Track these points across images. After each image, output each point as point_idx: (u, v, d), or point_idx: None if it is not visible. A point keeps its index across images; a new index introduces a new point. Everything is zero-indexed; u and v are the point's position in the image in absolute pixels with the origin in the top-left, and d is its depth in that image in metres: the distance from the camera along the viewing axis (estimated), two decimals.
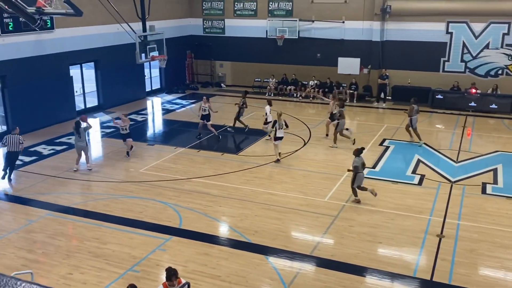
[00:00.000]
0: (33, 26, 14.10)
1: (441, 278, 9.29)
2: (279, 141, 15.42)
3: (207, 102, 17.93)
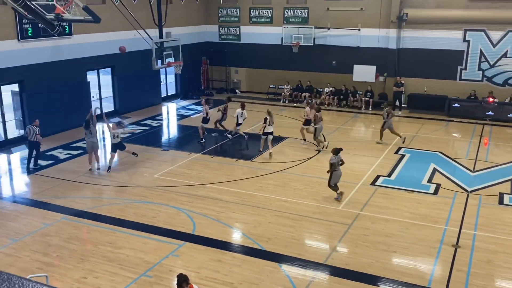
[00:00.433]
0: (52, 32, 14.34)
1: None
2: (270, 136, 16.78)
3: (205, 104, 18.47)
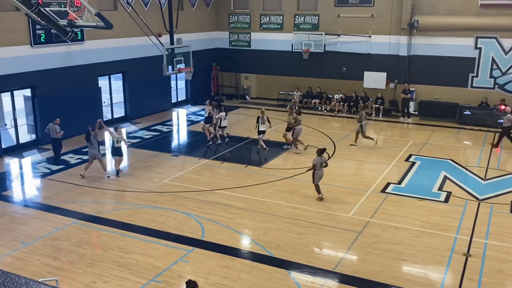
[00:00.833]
0: (64, 38, 14.44)
1: None
2: (262, 134, 17.95)
3: (209, 105, 19.03)
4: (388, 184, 14.80)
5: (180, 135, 21.95)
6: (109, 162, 16.47)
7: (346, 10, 25.17)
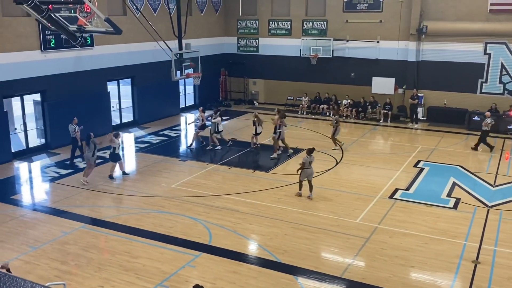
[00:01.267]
0: (74, 43, 14.59)
1: None
2: (258, 135, 18.91)
3: (202, 112, 19.51)
4: (396, 190, 14.73)
5: (188, 140, 22.00)
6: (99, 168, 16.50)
7: (354, 15, 25.17)
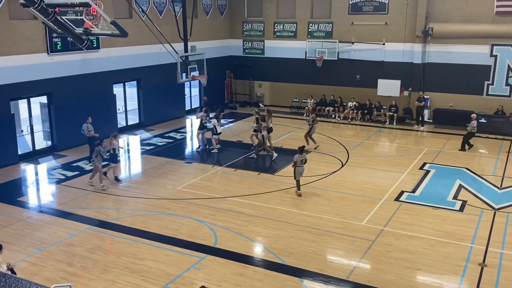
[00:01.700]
0: (80, 46, 14.66)
1: None
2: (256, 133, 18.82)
3: (204, 112, 19.55)
4: (402, 193, 14.68)
5: (193, 142, 22.02)
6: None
7: (360, 18, 25.15)
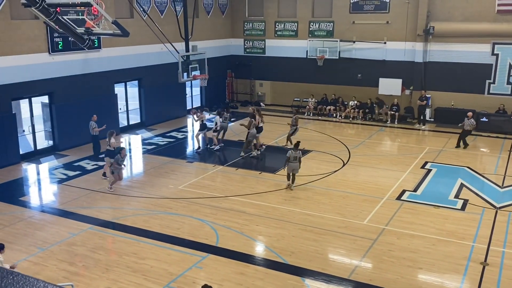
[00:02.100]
0: (81, 46, 14.66)
1: None
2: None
3: (199, 112, 19.38)
4: (403, 192, 14.68)
5: (195, 141, 22.03)
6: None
7: (361, 16, 25.13)
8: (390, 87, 24.59)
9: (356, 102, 24.72)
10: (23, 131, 20.07)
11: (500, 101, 22.65)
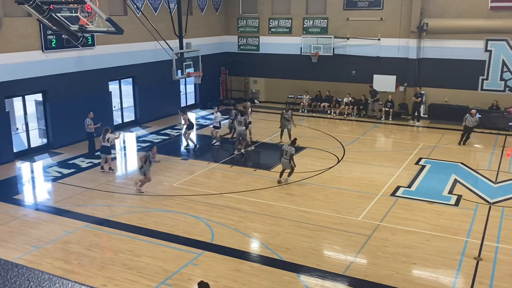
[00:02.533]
0: (75, 43, 14.61)
1: None
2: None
3: (184, 114, 19.24)
4: (398, 188, 14.75)
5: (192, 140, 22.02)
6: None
7: (355, 13, 25.16)
8: (384, 83, 24.66)
9: (350, 99, 24.78)
10: (17, 129, 19.98)
11: (494, 97, 22.77)
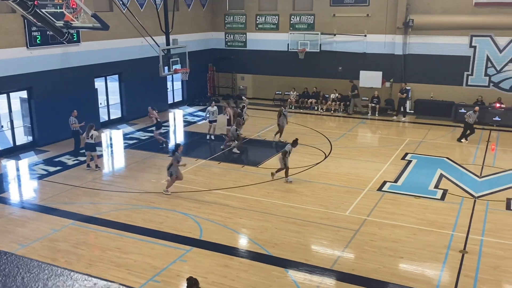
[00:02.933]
0: (60, 40, 14.50)
1: None
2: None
3: (153, 110, 18.82)
4: (384, 183, 14.87)
5: (176, 135, 21.96)
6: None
7: (341, 9, 25.25)
8: (370, 79, 24.82)
9: (337, 95, 24.89)
10: (2, 127, 19.75)
11: (478, 92, 23.04)
